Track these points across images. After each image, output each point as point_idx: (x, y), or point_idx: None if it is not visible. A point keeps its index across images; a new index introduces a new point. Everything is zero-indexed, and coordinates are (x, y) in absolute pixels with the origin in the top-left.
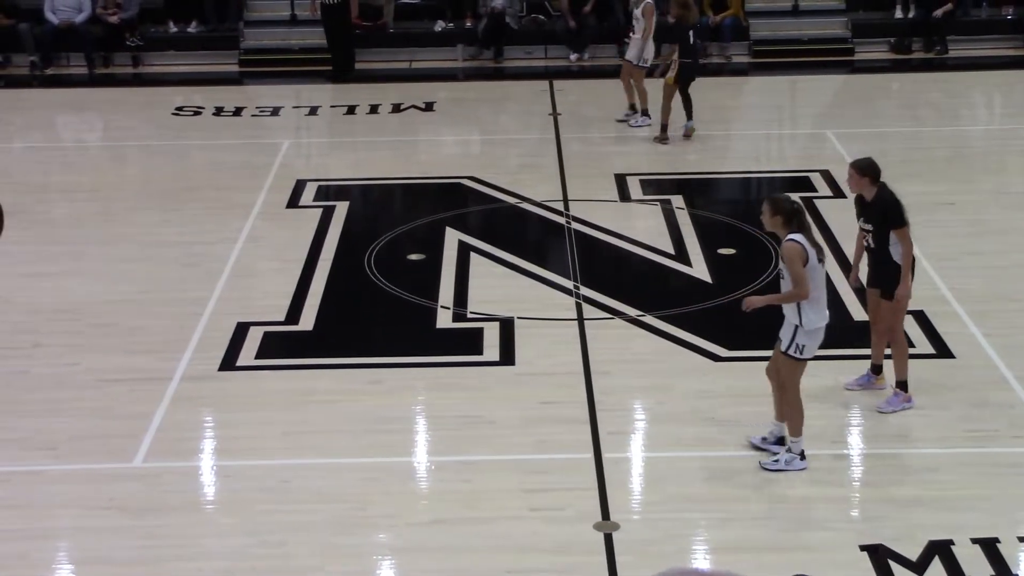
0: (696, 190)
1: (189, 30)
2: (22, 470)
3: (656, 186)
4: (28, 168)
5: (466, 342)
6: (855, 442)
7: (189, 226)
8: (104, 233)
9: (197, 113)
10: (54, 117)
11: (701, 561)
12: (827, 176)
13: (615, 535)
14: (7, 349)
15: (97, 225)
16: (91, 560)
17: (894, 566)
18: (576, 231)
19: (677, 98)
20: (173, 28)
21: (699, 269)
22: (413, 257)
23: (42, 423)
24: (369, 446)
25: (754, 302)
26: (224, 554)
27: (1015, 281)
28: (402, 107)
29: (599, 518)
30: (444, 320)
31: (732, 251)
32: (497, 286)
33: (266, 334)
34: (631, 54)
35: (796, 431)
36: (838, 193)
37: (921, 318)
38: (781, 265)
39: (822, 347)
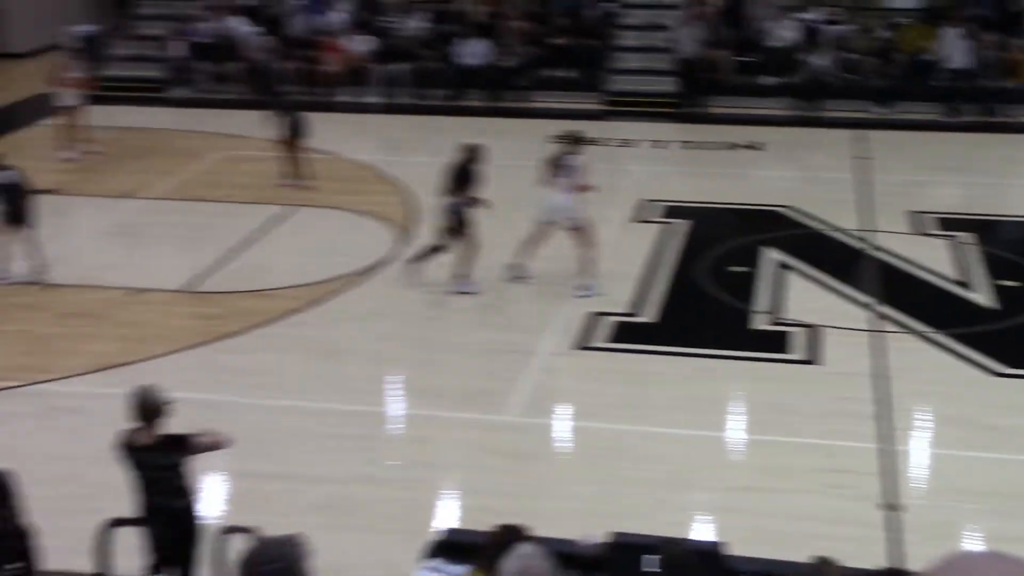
0: (985, 229)
1: (564, 74)
2: (422, 413)
3: (950, 223)
4: (434, 177)
5: (777, 343)
6: None
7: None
8: (496, 231)
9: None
10: (460, 139)
11: (979, 547)
12: None
13: (899, 516)
14: (416, 318)
15: (491, 224)
16: (471, 490)
17: None
18: (876, 257)
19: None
20: (551, 72)
21: (985, 296)
22: (737, 269)
23: (438, 378)
24: (693, 421)
25: None
26: (575, 496)
27: None
28: (734, 146)
29: (884, 499)
30: (760, 323)
31: (1017, 283)
32: (806, 298)
33: (614, 323)
34: None
35: None
36: None
37: None
38: None
39: None
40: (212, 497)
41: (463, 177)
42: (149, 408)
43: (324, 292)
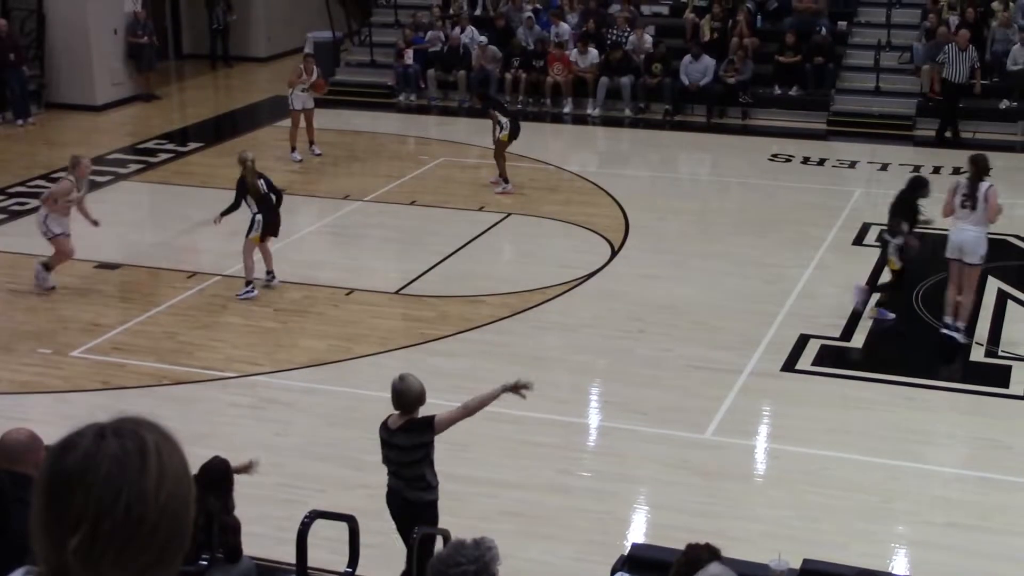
0: None
1: (790, 93)
2: (619, 427)
3: None
4: (653, 192)
5: (995, 376)
6: None
7: (771, 250)
8: (704, 249)
9: (788, 161)
10: (677, 154)
11: None
12: None
13: None
14: (620, 331)
15: (699, 242)
16: (662, 506)
17: None
18: None
19: None
20: (777, 90)
21: None
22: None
23: (638, 392)
24: (897, 450)
25: None
26: (768, 519)
27: None
28: (962, 170)
29: None
30: (977, 355)
31: None
32: None
33: (823, 346)
34: None
35: None
36: None
37: None
38: None
39: None
40: None
41: (908, 210)
42: (410, 398)
43: (531, 300)
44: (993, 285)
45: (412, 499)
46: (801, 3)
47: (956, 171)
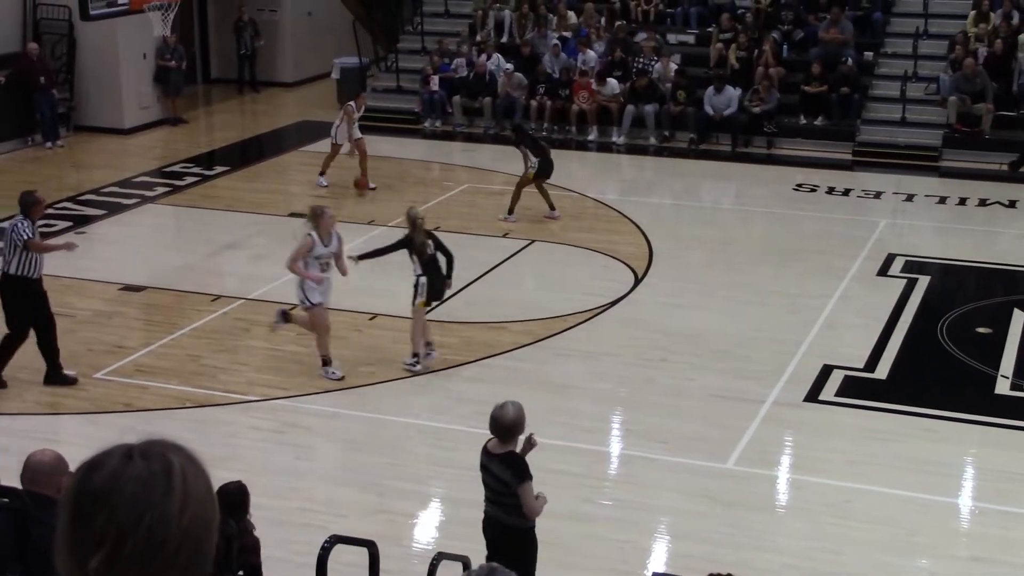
0: None
1: (815, 123)
2: (640, 455)
3: None
4: (677, 220)
5: (1020, 409)
6: None
7: (795, 280)
8: (727, 278)
9: (813, 191)
10: (702, 183)
11: None
12: None
13: None
14: (642, 360)
15: (723, 271)
16: (683, 535)
17: None
18: None
19: None
20: (803, 120)
21: None
22: (981, 330)
23: (660, 421)
24: (920, 483)
25: None
26: (790, 551)
27: None
28: (987, 202)
29: None
30: (1002, 387)
31: None
32: None
33: (846, 377)
34: None
35: None
36: None
37: None
38: None
39: None
40: (429, 522)
41: None
42: (502, 425)
43: (554, 328)
44: (1019, 318)
45: (510, 525)
46: (827, 33)
47: (982, 203)
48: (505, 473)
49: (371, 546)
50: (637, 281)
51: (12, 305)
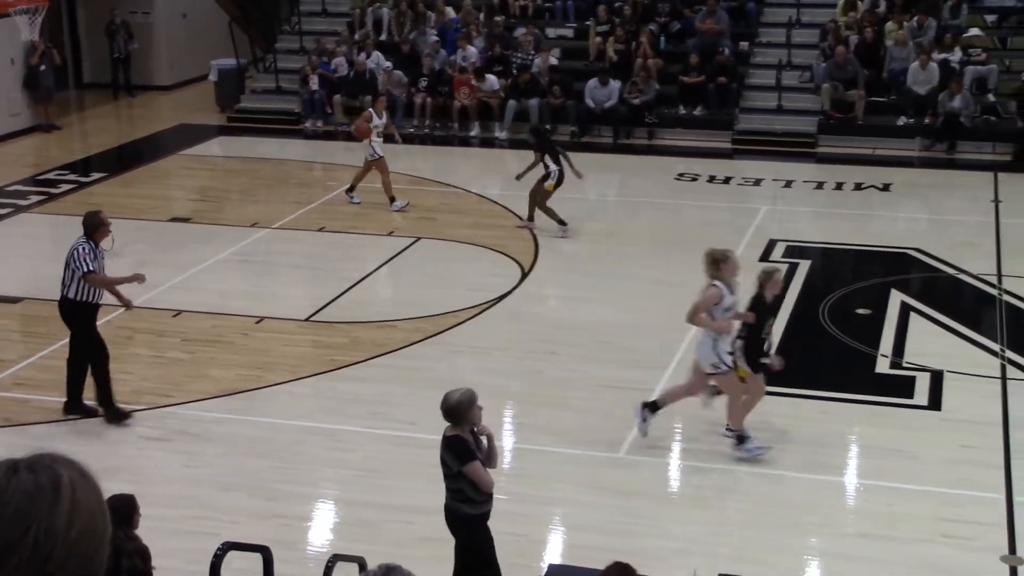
0: None
1: (695, 113)
2: (533, 448)
3: None
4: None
5: (899, 387)
6: None
7: (679, 269)
8: (614, 269)
9: (694, 180)
10: (585, 176)
11: None
12: None
13: (1021, 569)
14: (531, 353)
15: (609, 262)
16: (578, 527)
17: None
18: (1006, 302)
19: None
20: (682, 110)
21: None
22: (861, 311)
23: (551, 414)
24: (810, 463)
25: None
26: (683, 537)
27: None
28: (863, 186)
29: (1006, 552)
30: (882, 367)
31: None
32: (931, 343)
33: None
34: None
35: None
36: None
37: None
38: None
39: None
40: (323, 525)
41: None
42: (443, 408)
43: (443, 324)
44: (896, 298)
45: (454, 511)
46: (704, 24)
47: (858, 187)
48: (448, 455)
49: (265, 551)
50: (524, 275)
51: (76, 329)
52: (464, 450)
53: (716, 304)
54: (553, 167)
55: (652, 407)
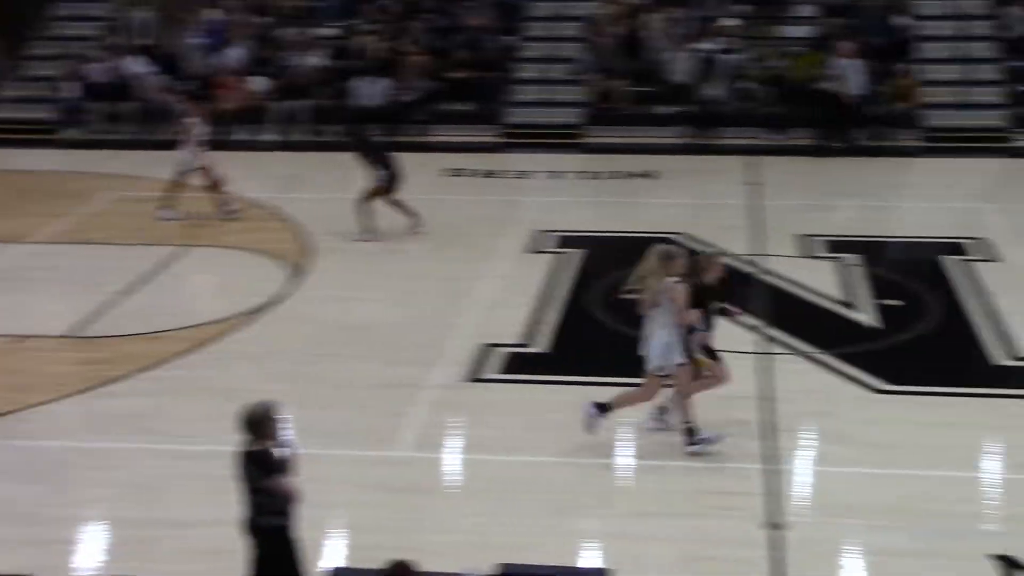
0: (870, 250)
1: (464, 108)
2: (312, 451)
3: (836, 246)
4: (335, 214)
5: None
6: None
7: (454, 264)
8: (389, 267)
9: (465, 175)
10: (356, 175)
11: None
12: (981, 243)
13: (783, 534)
14: (309, 356)
15: (383, 260)
16: (359, 527)
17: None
18: (765, 280)
19: None
20: (451, 106)
21: (868, 316)
22: (629, 297)
23: (330, 415)
24: (583, 448)
25: None
26: (463, 529)
27: None
28: (630, 174)
29: (768, 519)
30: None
31: (898, 302)
32: None
33: (509, 354)
34: None
35: None
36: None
37: None
38: None
39: None
40: (93, 546)
41: None
42: (240, 421)
43: (214, 333)
44: None
45: (256, 524)
46: (470, 20)
47: (626, 175)
48: (248, 469)
49: None
50: (298, 278)
51: None
52: (267, 463)
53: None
54: (382, 172)
55: (603, 408)
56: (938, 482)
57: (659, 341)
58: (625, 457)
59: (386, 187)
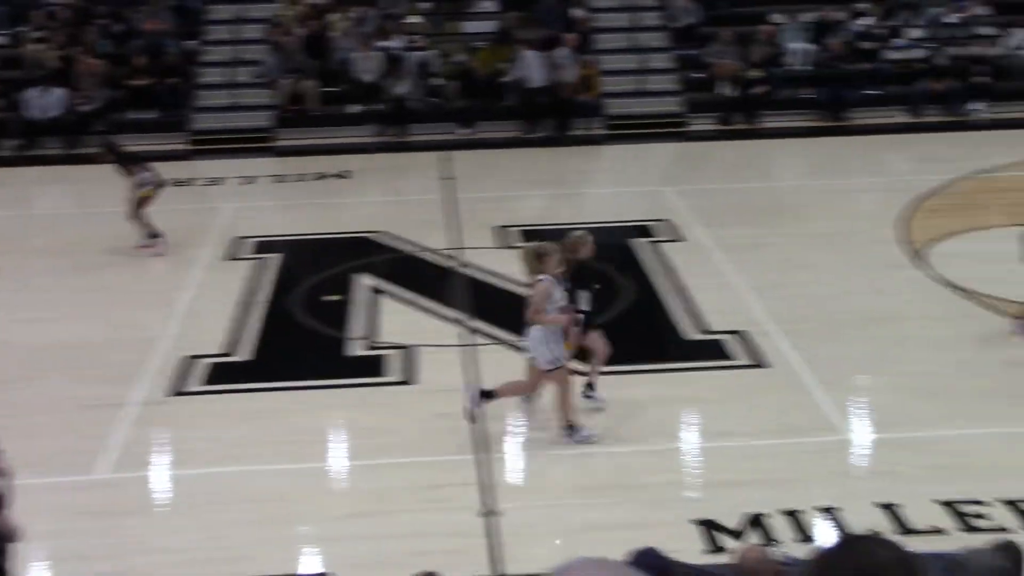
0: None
1: (148, 116)
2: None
3: (531, 235)
4: (13, 234)
5: (373, 367)
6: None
7: (149, 276)
8: (78, 283)
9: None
10: (33, 190)
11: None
12: (666, 224)
13: (498, 520)
14: (2, 383)
15: (72, 277)
16: (65, 557)
17: (718, 535)
18: (465, 273)
19: None
20: (134, 115)
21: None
22: (332, 298)
23: (25, 443)
24: (295, 454)
25: None
26: (173, 548)
27: (816, 305)
28: (324, 175)
29: (483, 507)
30: (356, 349)
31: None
32: (400, 320)
33: (212, 364)
34: None
35: None
36: (675, 238)
37: (741, 336)
38: None
39: None
40: None
41: None
42: None
43: None
44: (366, 281)
45: None
46: (147, 24)
47: (319, 177)
48: None
49: None
50: None
51: None
52: None
53: (548, 299)
54: (143, 175)
55: (487, 395)
56: (647, 455)
57: (533, 335)
58: (338, 459)
59: (152, 191)
